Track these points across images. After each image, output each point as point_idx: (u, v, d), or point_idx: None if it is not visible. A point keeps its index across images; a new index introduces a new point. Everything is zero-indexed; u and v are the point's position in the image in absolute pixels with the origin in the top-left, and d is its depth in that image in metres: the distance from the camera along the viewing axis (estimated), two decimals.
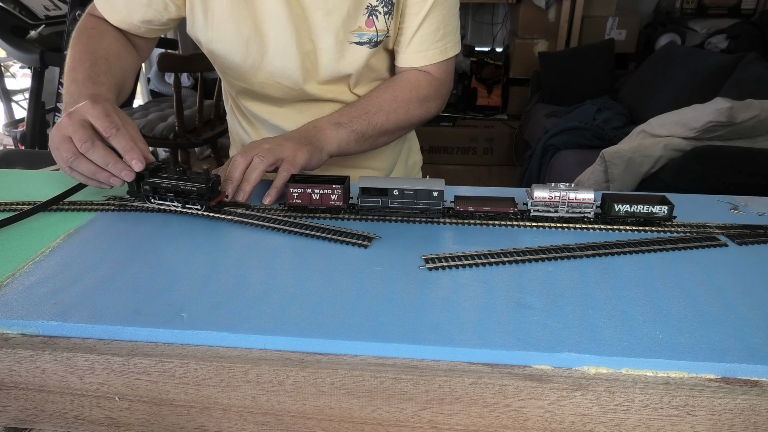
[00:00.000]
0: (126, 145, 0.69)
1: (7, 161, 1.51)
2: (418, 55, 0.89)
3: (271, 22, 0.82)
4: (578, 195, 0.68)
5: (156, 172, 0.71)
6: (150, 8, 0.85)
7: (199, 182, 0.70)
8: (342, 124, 0.83)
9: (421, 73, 0.90)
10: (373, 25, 0.84)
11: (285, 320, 0.50)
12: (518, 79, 3.68)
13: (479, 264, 0.60)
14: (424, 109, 0.91)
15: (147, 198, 0.72)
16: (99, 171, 0.69)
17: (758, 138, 1.89)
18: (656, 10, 3.66)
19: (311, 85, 0.89)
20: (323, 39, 0.84)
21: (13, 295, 0.54)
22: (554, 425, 0.46)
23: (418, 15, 0.85)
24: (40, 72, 2.25)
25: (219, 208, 0.71)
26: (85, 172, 0.69)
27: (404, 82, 0.90)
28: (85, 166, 0.68)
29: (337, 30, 0.83)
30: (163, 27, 0.90)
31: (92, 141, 0.67)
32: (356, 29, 0.84)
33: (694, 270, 0.59)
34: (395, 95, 0.88)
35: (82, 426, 0.52)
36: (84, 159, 0.68)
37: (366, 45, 0.85)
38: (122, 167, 0.69)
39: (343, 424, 0.48)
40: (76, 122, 0.68)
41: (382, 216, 0.71)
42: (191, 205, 0.71)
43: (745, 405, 0.44)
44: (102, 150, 0.68)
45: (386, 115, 0.87)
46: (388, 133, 0.89)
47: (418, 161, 1.17)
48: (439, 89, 0.92)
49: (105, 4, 0.87)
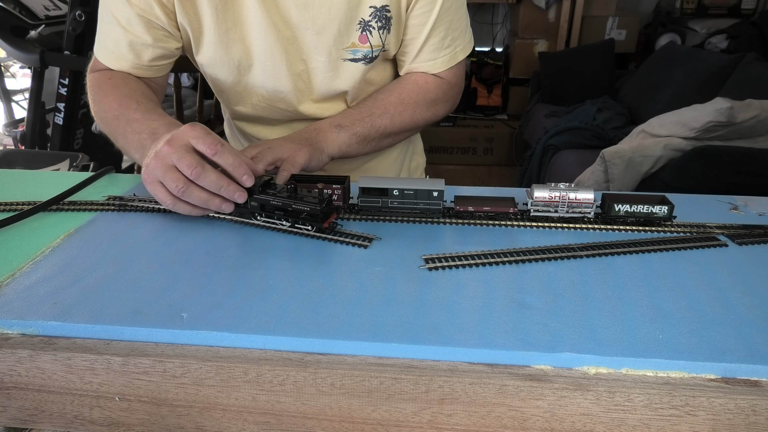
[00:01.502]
0: (234, 161, 0.64)
1: (7, 161, 1.52)
2: (425, 64, 0.86)
3: (259, 45, 0.80)
4: (578, 195, 0.68)
5: (265, 188, 0.67)
6: (156, 45, 0.81)
7: (312, 202, 0.64)
8: (344, 127, 0.82)
9: (430, 75, 0.87)
10: (367, 41, 0.81)
11: (285, 320, 0.50)
12: (518, 79, 3.68)
13: (479, 264, 0.60)
14: (432, 112, 0.89)
15: (253, 215, 0.68)
16: (212, 198, 0.64)
17: (758, 138, 1.89)
18: (656, 10, 3.66)
19: (306, 105, 0.87)
20: (315, 58, 0.82)
21: (13, 295, 0.54)
22: (554, 425, 0.46)
23: (423, 27, 0.82)
24: (40, 72, 2.25)
25: (331, 229, 0.66)
26: (198, 201, 0.64)
27: (411, 84, 0.87)
28: (197, 195, 0.64)
29: (329, 48, 0.81)
30: (171, 60, 0.87)
31: (202, 165, 0.63)
32: (349, 46, 0.81)
33: (694, 270, 0.59)
34: (401, 98, 0.86)
35: (82, 426, 0.52)
36: (196, 187, 0.64)
37: (361, 62, 0.83)
38: (235, 189, 0.64)
39: (343, 424, 0.48)
40: (179, 148, 0.63)
41: (382, 216, 0.71)
42: (301, 225, 0.66)
43: (745, 405, 0.44)
44: (214, 174, 0.63)
45: (390, 117, 0.84)
46: (392, 135, 0.87)
47: (421, 163, 1.15)
48: (448, 92, 0.90)
49: (109, 56, 0.83)
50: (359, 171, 1.00)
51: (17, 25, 2.21)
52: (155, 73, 0.86)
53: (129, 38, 0.80)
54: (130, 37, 0.80)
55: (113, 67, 0.83)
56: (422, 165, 1.16)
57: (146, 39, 0.80)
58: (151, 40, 0.80)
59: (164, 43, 0.82)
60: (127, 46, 0.81)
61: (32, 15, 2.29)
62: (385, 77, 0.91)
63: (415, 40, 0.84)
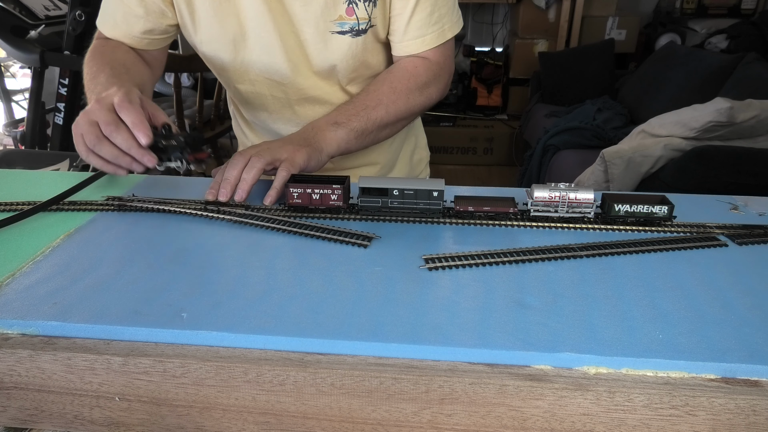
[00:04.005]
0: (134, 120, 0.67)
1: (7, 161, 1.51)
2: (415, 42, 0.87)
3: (252, 18, 0.83)
4: (578, 195, 0.68)
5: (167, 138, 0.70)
6: (148, 18, 0.86)
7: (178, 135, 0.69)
8: (340, 124, 0.83)
9: (418, 59, 0.89)
10: (353, 13, 0.83)
11: (285, 320, 0.50)
12: (518, 79, 3.68)
13: (479, 264, 0.60)
14: (425, 96, 0.90)
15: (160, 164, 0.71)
16: (122, 155, 0.68)
17: (758, 138, 1.89)
18: (656, 10, 3.66)
19: (302, 78, 0.89)
20: (304, 30, 0.84)
21: (13, 295, 0.54)
22: (554, 425, 0.46)
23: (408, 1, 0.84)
24: (40, 72, 2.25)
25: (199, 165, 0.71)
26: (107, 155, 0.68)
27: (401, 71, 0.89)
28: (108, 150, 0.68)
29: (317, 20, 0.83)
30: (164, 36, 0.91)
31: (116, 124, 0.67)
32: (337, 18, 0.84)
33: (694, 270, 0.59)
34: (393, 86, 0.87)
35: (82, 426, 0.52)
36: (108, 143, 0.68)
37: (348, 34, 0.85)
38: (144, 152, 0.68)
39: (343, 424, 0.48)
40: (103, 106, 0.68)
41: (382, 216, 0.71)
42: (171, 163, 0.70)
43: (745, 405, 0.44)
44: (126, 133, 0.67)
45: (385, 108, 0.86)
46: (389, 125, 0.89)
47: (424, 157, 1.15)
48: (438, 73, 0.91)
49: (105, 22, 0.89)
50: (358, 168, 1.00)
51: (17, 25, 2.21)
52: (147, 45, 0.91)
53: (123, 9, 0.87)
54: (124, 8, 0.87)
55: (108, 35, 0.90)
56: (425, 159, 1.16)
57: (138, 11, 0.86)
58: (143, 13, 0.86)
59: (156, 17, 0.87)
60: (121, 16, 0.87)
61: (32, 15, 2.29)
62: (380, 60, 0.93)
63: (401, 16, 0.85)
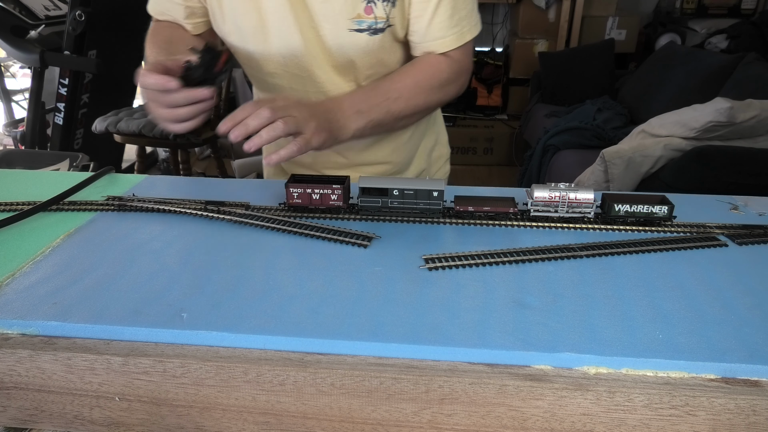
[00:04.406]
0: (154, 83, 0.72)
1: (7, 161, 1.51)
2: (435, 43, 0.89)
3: (273, 11, 0.85)
4: (578, 195, 0.68)
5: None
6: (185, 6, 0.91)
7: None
8: (362, 113, 0.84)
9: (441, 56, 0.91)
10: (372, 12, 0.85)
11: (285, 320, 0.50)
12: (518, 79, 3.68)
13: (479, 264, 0.60)
14: (443, 93, 0.92)
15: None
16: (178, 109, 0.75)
17: (758, 138, 1.89)
18: (656, 10, 3.66)
19: (320, 71, 0.91)
20: (323, 25, 0.86)
21: (13, 295, 0.54)
22: (554, 425, 0.46)
23: (428, 3, 0.85)
24: (40, 72, 2.25)
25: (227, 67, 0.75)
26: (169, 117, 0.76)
27: (426, 65, 0.91)
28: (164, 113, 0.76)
29: (336, 17, 0.85)
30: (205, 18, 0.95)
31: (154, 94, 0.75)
32: (355, 16, 0.85)
33: (694, 270, 0.59)
34: (417, 80, 0.89)
35: (82, 426, 0.52)
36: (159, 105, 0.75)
37: (366, 32, 0.87)
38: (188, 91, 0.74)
39: (343, 424, 0.48)
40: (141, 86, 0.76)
41: (382, 216, 0.71)
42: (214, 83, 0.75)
43: (745, 405, 0.44)
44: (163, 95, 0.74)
45: (405, 101, 0.88)
46: (405, 118, 0.91)
47: (444, 154, 1.16)
48: (459, 73, 0.93)
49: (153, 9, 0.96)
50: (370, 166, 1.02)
51: (17, 25, 2.21)
52: (193, 29, 0.97)
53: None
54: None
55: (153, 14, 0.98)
56: (445, 156, 1.16)
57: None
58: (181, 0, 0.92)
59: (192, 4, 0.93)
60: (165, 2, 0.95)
61: (32, 15, 2.29)
62: (397, 59, 0.94)
63: (421, 18, 0.87)
